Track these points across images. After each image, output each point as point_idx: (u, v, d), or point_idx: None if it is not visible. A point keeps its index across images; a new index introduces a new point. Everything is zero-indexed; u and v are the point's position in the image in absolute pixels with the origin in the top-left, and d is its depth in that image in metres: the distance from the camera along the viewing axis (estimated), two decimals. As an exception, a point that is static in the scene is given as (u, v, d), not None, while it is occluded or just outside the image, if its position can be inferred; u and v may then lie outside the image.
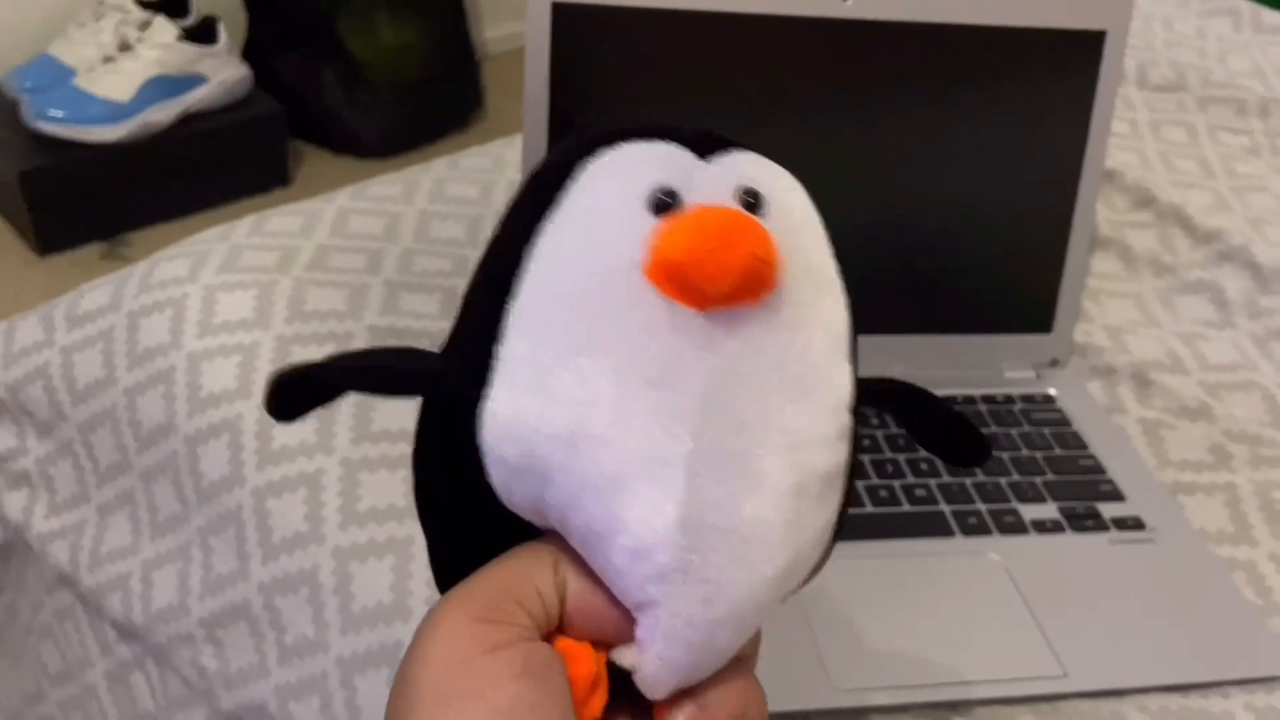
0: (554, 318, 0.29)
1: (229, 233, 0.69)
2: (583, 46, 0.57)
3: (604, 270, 0.29)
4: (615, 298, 0.29)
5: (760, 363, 0.29)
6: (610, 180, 0.30)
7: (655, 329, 0.29)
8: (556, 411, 0.28)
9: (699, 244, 0.28)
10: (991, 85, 0.62)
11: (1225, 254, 0.75)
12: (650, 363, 0.28)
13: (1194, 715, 0.48)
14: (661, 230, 0.29)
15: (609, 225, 0.29)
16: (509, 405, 0.29)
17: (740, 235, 0.28)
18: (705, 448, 0.28)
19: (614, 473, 0.28)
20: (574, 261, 0.29)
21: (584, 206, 0.30)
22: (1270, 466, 0.61)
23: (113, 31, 1.60)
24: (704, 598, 0.29)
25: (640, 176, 0.30)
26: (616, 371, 0.28)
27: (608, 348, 0.29)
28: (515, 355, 0.29)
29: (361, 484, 0.54)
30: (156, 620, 0.58)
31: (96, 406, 0.63)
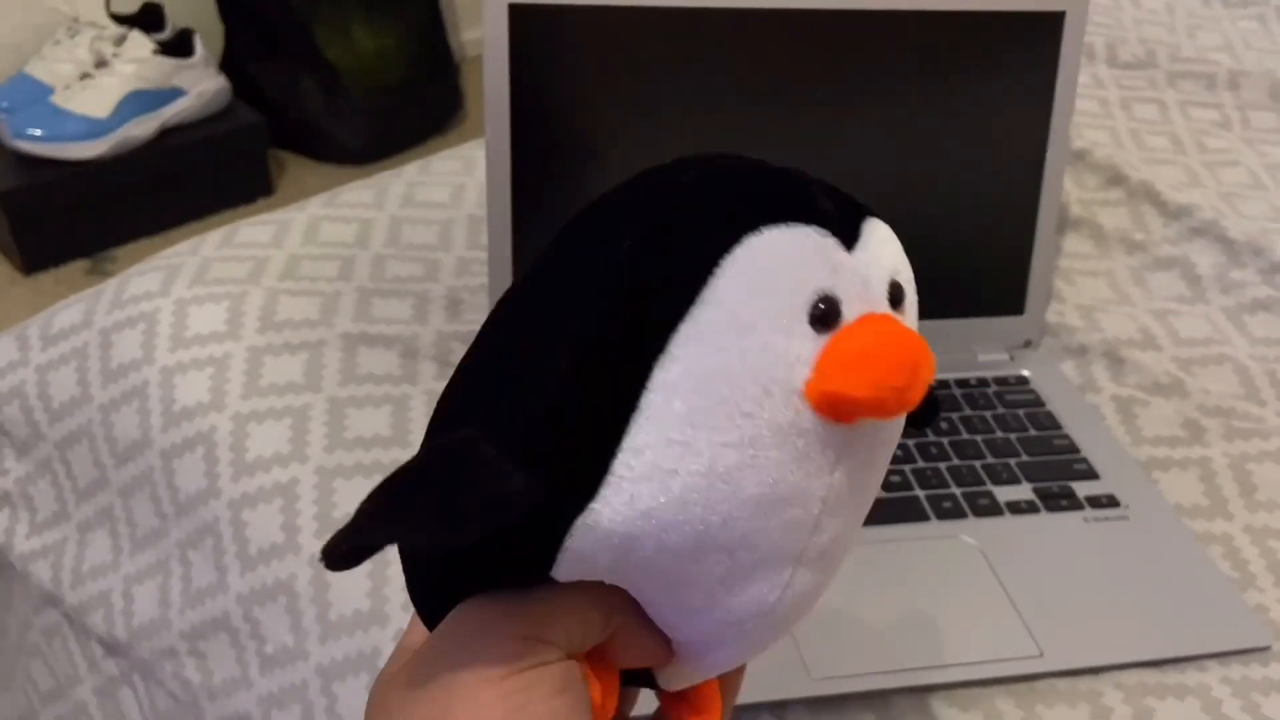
0: (693, 432, 0.26)
1: (200, 245, 0.69)
2: (542, 47, 0.57)
3: (761, 391, 0.26)
4: (769, 421, 0.26)
5: (871, 459, 0.29)
6: (761, 285, 0.26)
7: (804, 455, 0.27)
8: (681, 523, 0.26)
9: (888, 380, 0.26)
10: (954, 70, 0.62)
11: (1196, 229, 0.75)
12: (790, 483, 0.27)
13: (1170, 690, 0.49)
14: (832, 354, 0.26)
15: (769, 341, 0.26)
16: (625, 515, 0.26)
17: (924, 363, 0.26)
18: (815, 542, 0.29)
19: (726, 577, 0.28)
20: (723, 379, 0.26)
21: (736, 317, 0.26)
22: (1244, 439, 0.61)
23: (88, 48, 1.60)
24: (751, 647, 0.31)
25: (796, 282, 0.26)
26: (764, 491, 0.27)
27: (752, 466, 0.26)
28: (641, 468, 0.26)
29: (337, 491, 0.55)
30: (139, 635, 0.59)
31: (73, 424, 0.63)
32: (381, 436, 0.57)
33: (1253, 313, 0.69)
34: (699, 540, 0.27)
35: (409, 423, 0.58)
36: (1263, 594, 0.53)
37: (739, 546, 0.27)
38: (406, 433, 0.58)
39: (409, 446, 0.57)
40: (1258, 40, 0.98)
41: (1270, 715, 0.48)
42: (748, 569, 0.28)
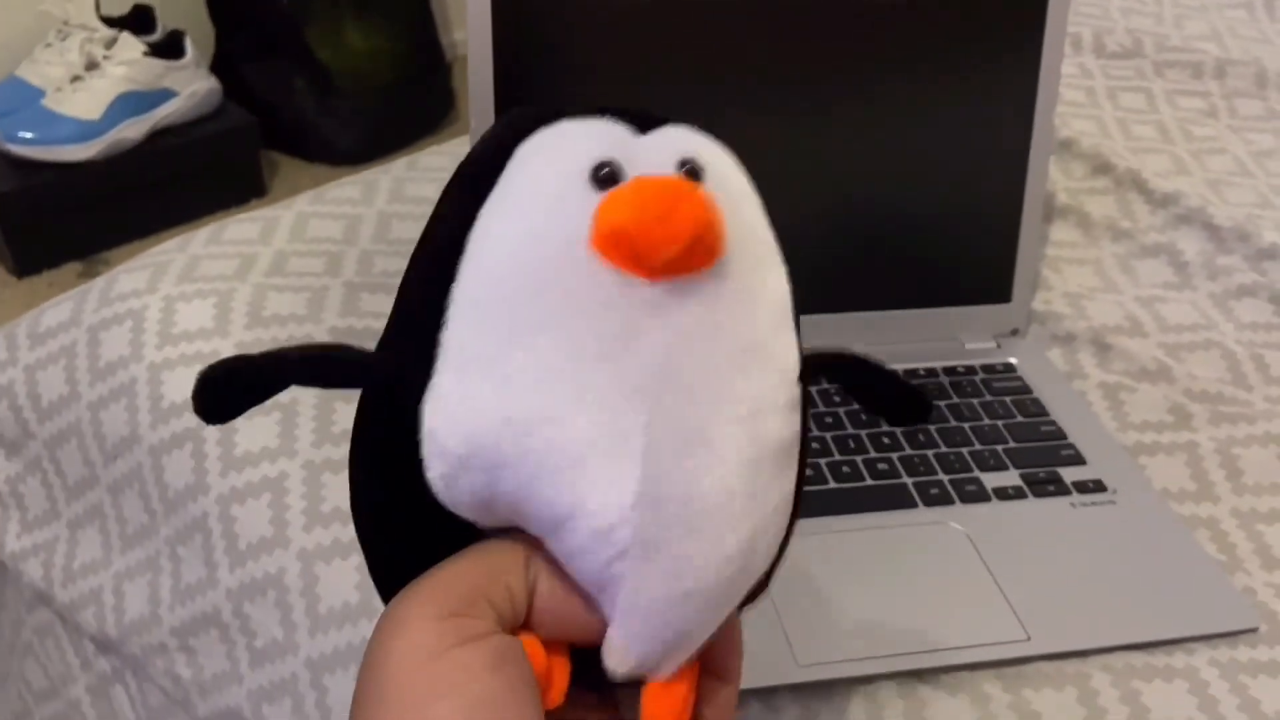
0: (501, 299, 0.28)
1: (187, 243, 0.69)
2: (525, 40, 0.57)
3: (550, 246, 0.28)
4: (563, 273, 0.28)
5: (711, 333, 0.29)
6: (549, 157, 0.30)
7: (607, 303, 0.28)
8: (509, 394, 0.28)
9: (645, 212, 0.28)
10: (937, 59, 0.62)
11: (1183, 216, 0.75)
12: (603, 337, 0.28)
13: (1158, 672, 0.49)
14: (604, 202, 0.28)
15: (551, 201, 0.29)
16: (455, 392, 0.28)
17: (685, 201, 0.28)
18: (661, 421, 0.28)
19: (571, 453, 0.28)
20: (518, 241, 0.29)
21: (524, 185, 0.29)
22: (1230, 423, 0.61)
23: (79, 50, 1.60)
24: (668, 572, 0.28)
25: (579, 152, 0.30)
26: (570, 348, 0.28)
27: (559, 325, 0.28)
28: (461, 340, 0.28)
29: (325, 485, 0.55)
30: (130, 632, 0.59)
31: (62, 423, 0.63)
32: (370, 430, 0.57)
33: (1239, 298, 0.70)
34: (530, 405, 0.28)
35: (397, 416, 0.58)
36: (1250, 577, 0.54)
37: (567, 402, 0.28)
38: (394, 426, 0.58)
39: (397, 440, 0.57)
40: (1244, 29, 0.98)
41: (1258, 697, 0.48)
42: (586, 438, 0.28)
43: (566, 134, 0.30)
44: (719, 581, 0.29)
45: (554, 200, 0.29)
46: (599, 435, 0.28)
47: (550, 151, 0.30)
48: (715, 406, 0.29)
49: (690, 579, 0.29)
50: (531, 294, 0.28)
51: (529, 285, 0.28)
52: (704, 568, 0.29)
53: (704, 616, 0.30)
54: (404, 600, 0.28)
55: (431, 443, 0.29)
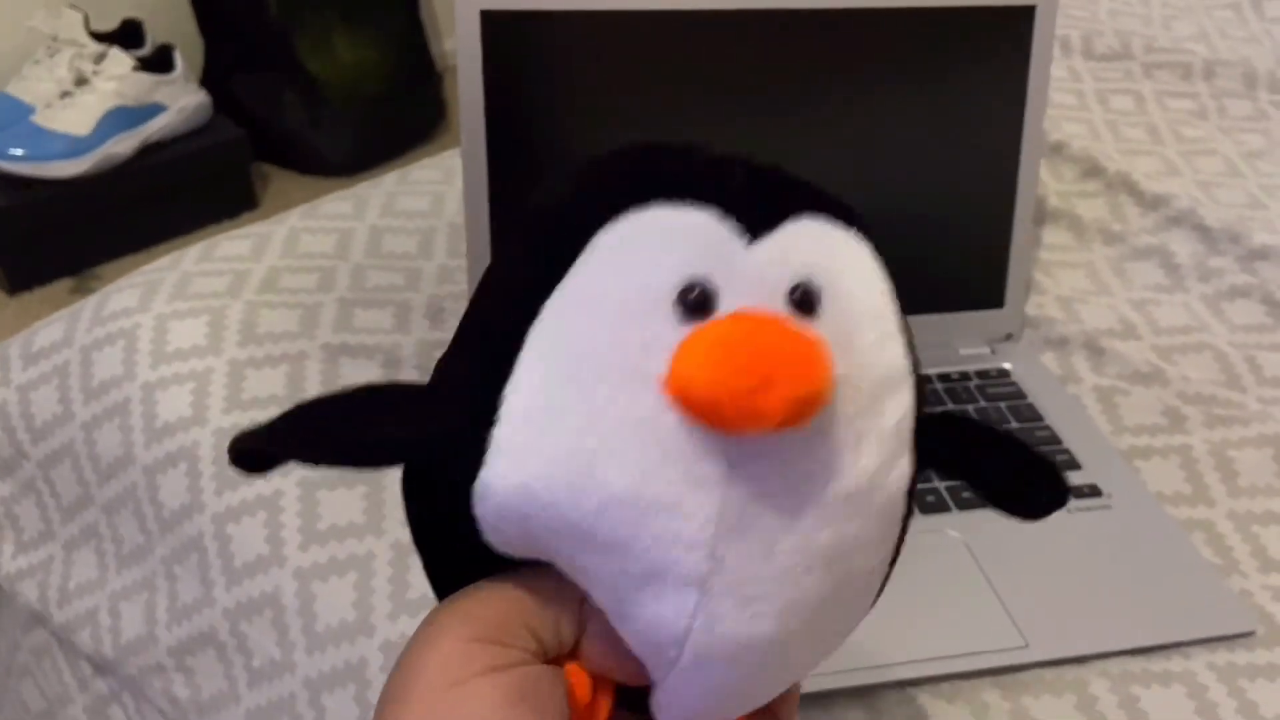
0: (559, 416, 0.25)
1: (179, 260, 0.69)
2: (515, 52, 0.57)
3: (619, 378, 0.25)
4: (628, 412, 0.25)
5: (791, 484, 0.25)
6: (634, 261, 0.25)
7: (671, 456, 0.25)
8: (571, 498, 0.25)
9: (729, 379, 0.23)
10: (927, 66, 0.62)
11: (1174, 218, 0.75)
12: (660, 488, 0.25)
13: (1156, 677, 0.49)
14: (685, 345, 0.24)
15: (628, 323, 0.25)
16: (501, 494, 0.26)
17: (783, 368, 0.23)
18: (724, 573, 0.25)
19: (622, 581, 0.26)
20: (584, 358, 0.25)
21: (599, 290, 0.25)
22: (1224, 426, 0.61)
23: (68, 66, 1.59)
24: (718, 690, 0.27)
25: (671, 264, 0.25)
26: (629, 488, 0.25)
27: (613, 463, 0.25)
28: (513, 445, 0.26)
29: (320, 503, 0.55)
30: (127, 652, 0.58)
31: (55, 443, 0.63)
32: (364, 446, 0.57)
33: (1231, 300, 0.70)
34: (577, 525, 0.25)
35: (392, 432, 0.58)
36: (1246, 579, 0.54)
37: (621, 547, 0.25)
38: (389, 442, 0.57)
39: (392, 456, 0.57)
40: (1233, 29, 0.98)
41: (1255, 700, 0.48)
42: (639, 578, 0.26)
43: (658, 228, 0.26)
44: (769, 693, 0.29)
45: (633, 321, 0.25)
46: (652, 572, 0.26)
47: (637, 252, 0.25)
48: (790, 560, 0.26)
49: (738, 696, 0.28)
50: (591, 419, 0.25)
51: (591, 410, 0.25)
52: (752, 688, 0.28)
53: (757, 702, 0.29)
54: (446, 611, 0.28)
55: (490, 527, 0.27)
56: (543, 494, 0.26)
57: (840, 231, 0.28)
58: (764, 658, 0.27)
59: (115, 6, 1.72)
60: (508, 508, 0.26)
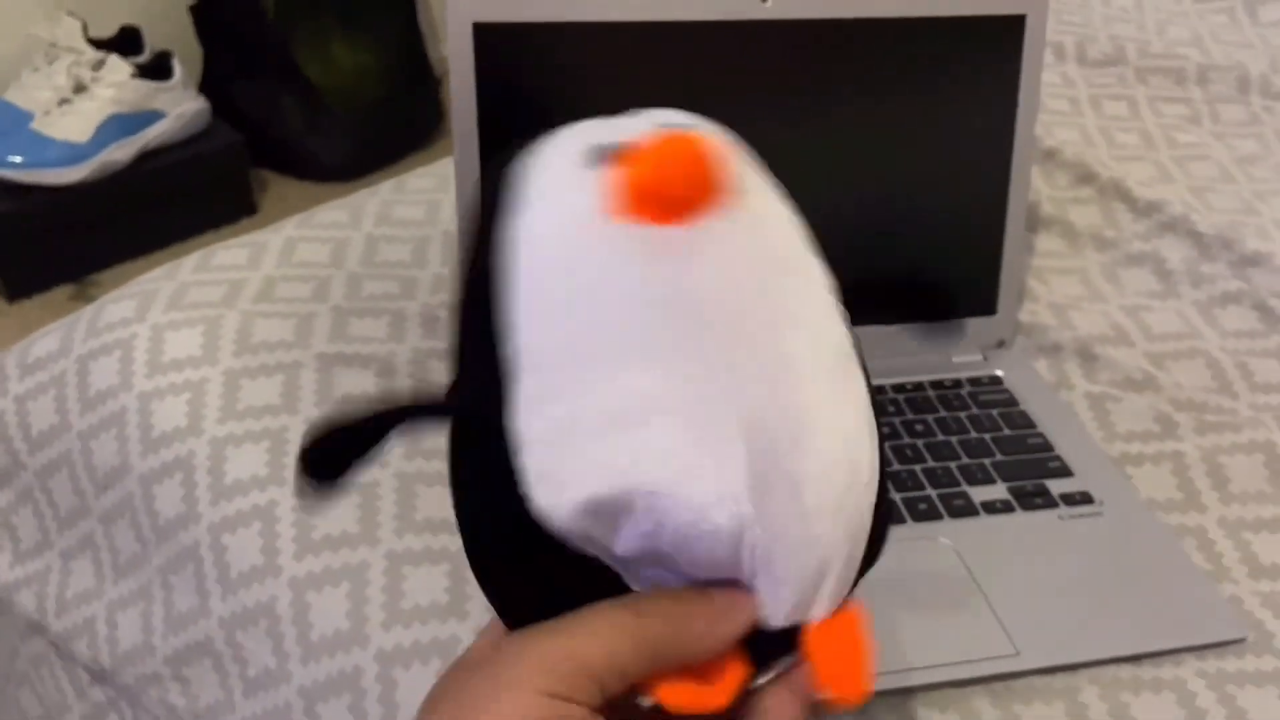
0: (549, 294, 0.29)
1: (175, 270, 0.69)
2: (506, 64, 0.57)
3: (573, 228, 0.29)
4: (595, 246, 0.29)
5: (751, 258, 0.30)
6: (548, 165, 0.31)
7: (648, 256, 0.29)
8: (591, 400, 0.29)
9: (650, 157, 0.28)
10: (919, 76, 0.62)
11: (1166, 224, 0.76)
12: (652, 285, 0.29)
13: (1146, 685, 0.49)
14: (613, 170, 0.29)
15: (561, 191, 0.30)
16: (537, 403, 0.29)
17: (685, 142, 0.29)
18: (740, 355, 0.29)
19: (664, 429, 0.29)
20: (541, 246, 0.30)
21: (534, 195, 0.30)
22: (1216, 432, 0.61)
23: (66, 73, 1.60)
24: (786, 496, 0.29)
25: (574, 148, 0.31)
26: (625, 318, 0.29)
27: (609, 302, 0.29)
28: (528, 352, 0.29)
29: (315, 513, 0.55)
30: (123, 662, 0.59)
31: (52, 453, 0.63)
32: (359, 456, 0.58)
33: (1223, 306, 0.70)
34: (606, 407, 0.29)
35: (386, 441, 0.58)
36: (1237, 586, 0.54)
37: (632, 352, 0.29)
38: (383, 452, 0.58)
39: (385, 466, 0.57)
40: (1227, 34, 0.99)
41: (1245, 707, 0.48)
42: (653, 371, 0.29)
43: (555, 141, 0.32)
44: (833, 492, 0.30)
45: (564, 192, 0.30)
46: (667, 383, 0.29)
47: (548, 159, 0.31)
48: (778, 324, 0.30)
49: (806, 495, 0.30)
50: (572, 285, 0.29)
51: (565, 279, 0.29)
52: (815, 478, 0.30)
53: (834, 536, 0.31)
54: (521, 661, 0.29)
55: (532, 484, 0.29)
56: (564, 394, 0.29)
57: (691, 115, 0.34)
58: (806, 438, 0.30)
59: (113, 14, 1.72)
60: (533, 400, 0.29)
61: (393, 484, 0.56)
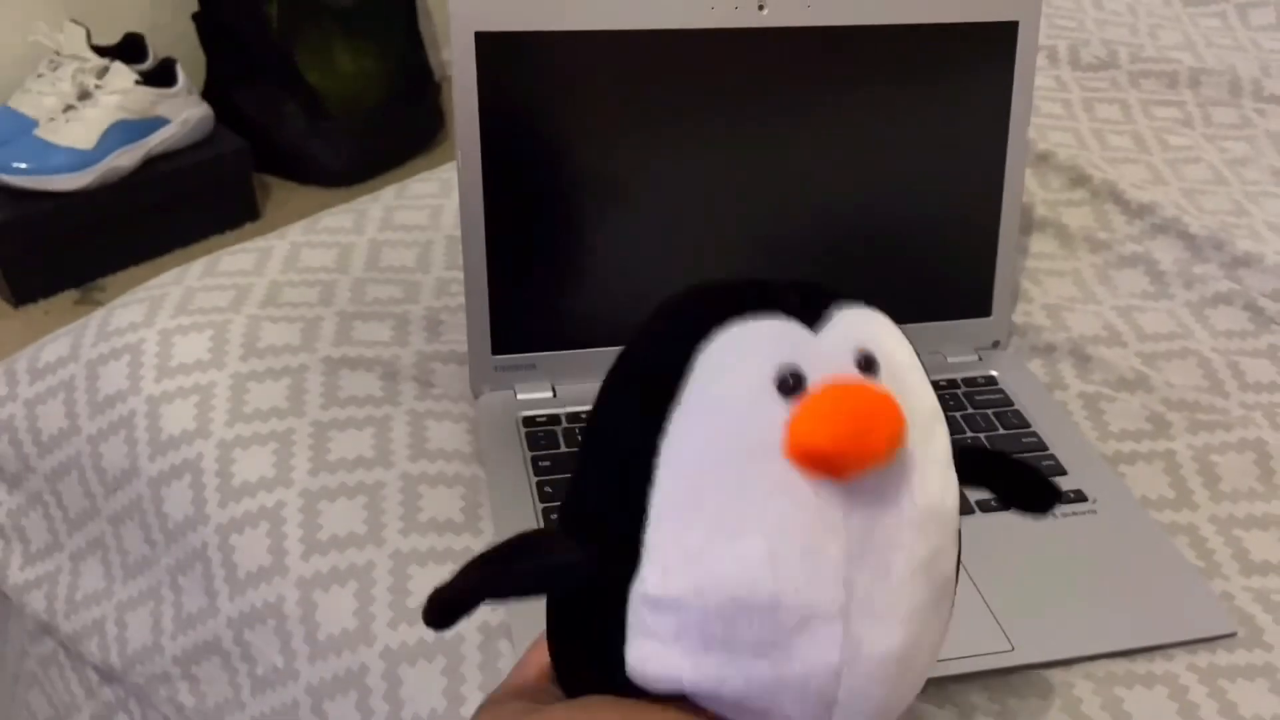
0: (701, 503, 0.31)
1: (183, 275, 0.70)
2: (509, 71, 0.58)
3: (746, 456, 0.31)
4: (760, 481, 0.31)
5: (894, 512, 0.32)
6: (734, 367, 0.32)
7: (803, 505, 0.30)
8: (712, 588, 0.31)
9: (842, 431, 0.30)
10: (913, 82, 0.63)
11: (1159, 226, 0.77)
12: (801, 535, 0.31)
13: (1139, 679, 0.50)
14: (798, 416, 0.30)
15: (744, 412, 0.31)
16: (663, 587, 0.31)
17: (879, 417, 0.30)
18: (857, 597, 0.31)
19: (776, 637, 0.31)
20: (715, 449, 0.31)
21: (715, 395, 0.31)
22: (1208, 431, 0.62)
23: (71, 80, 1.61)
24: (865, 712, 0.32)
25: (763, 361, 0.31)
26: (770, 546, 0.30)
27: (759, 526, 0.30)
28: (664, 539, 0.31)
29: (321, 513, 0.56)
30: (133, 661, 0.60)
31: (62, 456, 0.64)
32: (365, 458, 0.59)
33: (1214, 306, 0.71)
34: (734, 596, 0.30)
35: (391, 444, 0.59)
36: (1228, 582, 0.55)
37: (772, 604, 0.31)
38: (389, 454, 0.59)
39: (391, 467, 0.58)
40: (1219, 37, 1.00)
41: (1235, 701, 0.49)
42: (792, 627, 0.31)
43: (745, 339, 0.32)
44: (905, 699, 0.34)
45: (747, 411, 0.31)
46: (804, 618, 0.31)
47: (734, 360, 0.32)
48: (902, 575, 0.32)
49: (883, 708, 0.33)
50: (730, 500, 0.31)
51: (727, 492, 0.31)
52: (895, 696, 0.33)
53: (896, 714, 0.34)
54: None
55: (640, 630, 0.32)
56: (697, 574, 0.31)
57: (869, 310, 0.34)
58: (901, 668, 0.32)
59: (117, 21, 1.73)
60: (663, 601, 0.31)
61: (398, 485, 0.57)
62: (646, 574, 0.31)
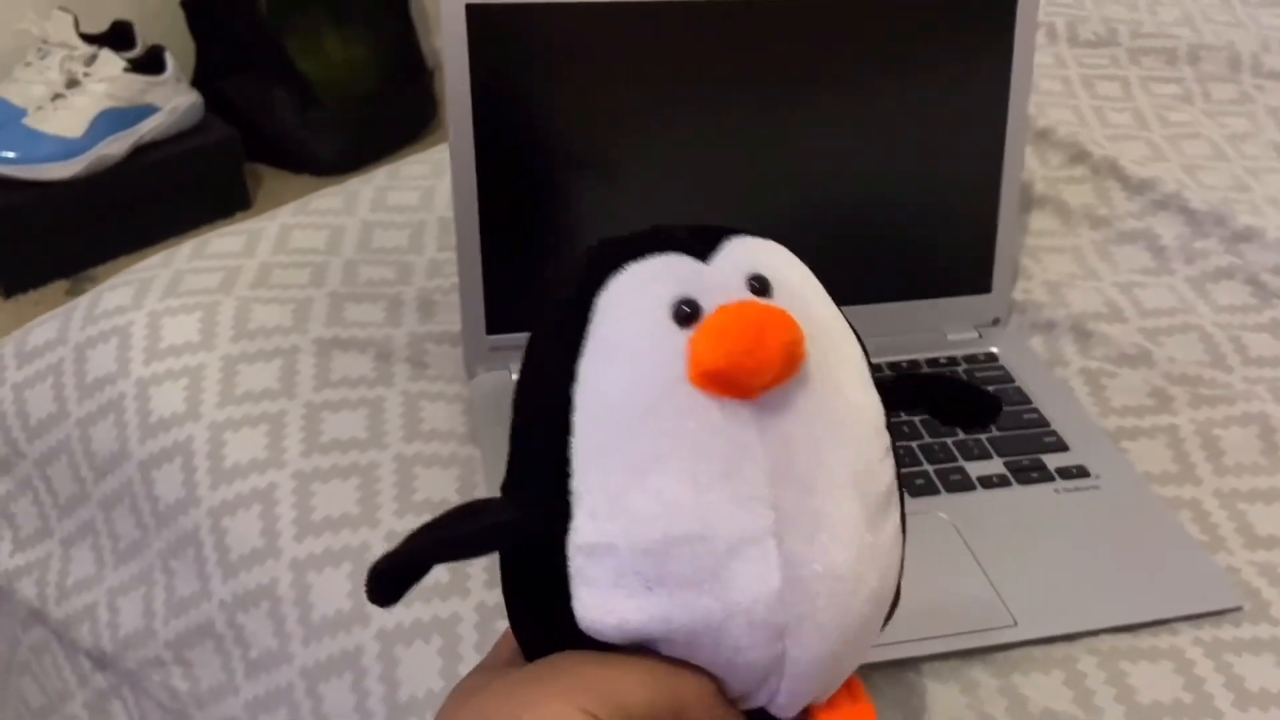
0: (616, 445, 0.31)
1: (171, 258, 0.69)
2: (500, 45, 0.58)
3: (653, 391, 0.31)
4: (670, 412, 0.31)
5: (809, 424, 0.32)
6: (631, 306, 0.32)
7: (715, 430, 0.31)
8: (639, 528, 0.31)
9: (735, 346, 0.30)
10: (911, 55, 0.62)
11: (1160, 202, 0.76)
12: (717, 460, 0.31)
13: (1144, 653, 0.49)
14: (696, 341, 0.31)
15: (645, 348, 0.32)
16: (594, 534, 0.31)
17: (770, 328, 0.31)
18: (784, 518, 0.31)
19: (710, 566, 0.31)
20: (621, 389, 0.32)
21: (615, 336, 0.32)
22: (1210, 405, 0.62)
23: (59, 68, 1.59)
24: (821, 635, 0.32)
25: (657, 296, 0.32)
26: (689, 476, 0.31)
27: (674, 457, 0.31)
28: (589, 487, 0.31)
29: (314, 495, 0.55)
30: (125, 646, 0.59)
31: (51, 440, 0.63)
32: (358, 439, 0.58)
33: (1216, 281, 0.70)
34: (661, 532, 0.31)
35: (384, 425, 0.59)
36: (1233, 556, 0.54)
37: (699, 534, 0.31)
38: (381, 434, 0.58)
39: (384, 449, 0.57)
40: (1217, 13, 0.99)
41: (1242, 674, 0.49)
42: (723, 554, 0.31)
43: (639, 278, 0.33)
44: (863, 625, 0.33)
45: (647, 347, 0.32)
46: (734, 543, 0.31)
47: (631, 300, 0.33)
48: (828, 487, 0.32)
49: (839, 633, 0.32)
50: (644, 436, 0.31)
51: (640, 428, 0.31)
52: (849, 620, 0.33)
53: (856, 651, 0.34)
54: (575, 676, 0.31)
55: (580, 581, 0.32)
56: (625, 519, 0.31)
57: (761, 240, 0.35)
58: (849, 586, 0.32)
59: (105, 8, 1.72)
60: (597, 548, 0.31)
61: (392, 466, 0.56)
62: (578, 524, 0.31)
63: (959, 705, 0.47)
